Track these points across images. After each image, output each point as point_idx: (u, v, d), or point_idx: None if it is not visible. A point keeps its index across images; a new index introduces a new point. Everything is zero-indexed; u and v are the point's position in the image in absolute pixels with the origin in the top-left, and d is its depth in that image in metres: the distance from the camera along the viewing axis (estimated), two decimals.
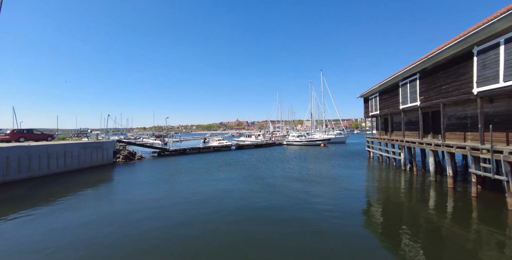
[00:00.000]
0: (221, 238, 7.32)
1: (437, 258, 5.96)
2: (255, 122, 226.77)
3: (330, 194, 12.05)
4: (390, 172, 17.25)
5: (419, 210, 9.39)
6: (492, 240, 6.77)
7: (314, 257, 6.09)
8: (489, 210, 9.06)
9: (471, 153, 10.59)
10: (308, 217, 8.81)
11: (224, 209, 9.99)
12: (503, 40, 8.89)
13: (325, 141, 46.39)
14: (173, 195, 12.35)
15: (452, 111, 13.36)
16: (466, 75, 10.90)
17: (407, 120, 18.41)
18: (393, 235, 7.32)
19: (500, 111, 10.35)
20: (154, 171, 19.93)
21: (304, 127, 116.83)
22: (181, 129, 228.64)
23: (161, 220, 8.90)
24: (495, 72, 9.26)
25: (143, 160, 28.41)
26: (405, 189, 12.63)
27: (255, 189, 13.18)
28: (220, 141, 42.59)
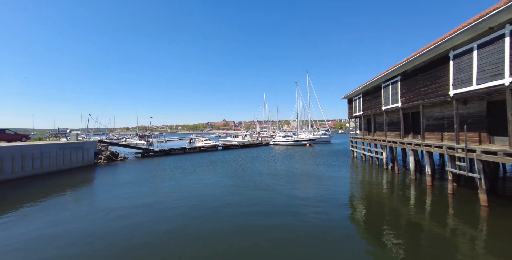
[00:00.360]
0: (207, 241, 7.24)
1: (418, 252, 6.21)
2: (242, 123, 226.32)
3: (316, 192, 12.26)
4: (373, 171, 17.80)
5: (400, 207, 9.76)
6: (466, 233, 7.15)
7: (298, 254, 6.17)
8: (463, 206, 9.56)
9: (447, 152, 11.13)
10: (294, 216, 8.91)
11: (210, 211, 9.89)
12: (475, 46, 9.42)
13: (310, 141, 47.12)
14: (156, 197, 12.06)
15: (430, 112, 13.99)
16: (443, 78, 11.45)
17: (389, 121, 19.07)
18: (376, 230, 7.56)
19: (473, 113, 10.96)
20: (137, 172, 19.38)
21: (291, 128, 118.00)
22: (166, 129, 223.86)
23: (143, 223, 8.67)
24: (469, 76, 9.80)
25: (126, 160, 27.58)
26: (387, 187, 13.08)
27: (241, 190, 13.15)
28: (206, 141, 42.11)
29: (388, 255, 6.07)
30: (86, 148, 23.90)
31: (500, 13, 7.78)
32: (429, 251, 6.23)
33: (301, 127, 66.50)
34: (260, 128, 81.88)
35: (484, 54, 9.06)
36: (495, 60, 8.59)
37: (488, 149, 8.98)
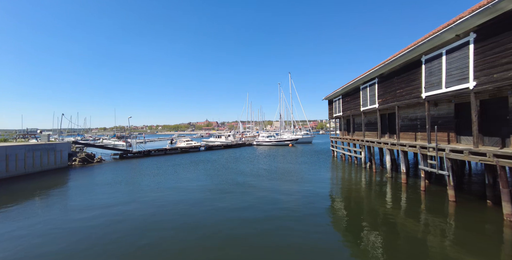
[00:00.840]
0: (190, 245, 7.11)
1: (394, 246, 6.51)
2: (225, 123, 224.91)
3: (297, 190, 12.47)
4: (352, 170, 18.41)
5: (378, 204, 10.18)
6: (437, 227, 7.61)
7: (278, 250, 6.24)
8: (434, 202, 10.16)
9: (420, 151, 11.78)
10: (276, 214, 9.01)
11: (192, 213, 9.73)
12: (444, 51, 10.06)
13: (293, 141, 47.83)
14: (134, 200, 11.65)
15: (405, 113, 14.72)
16: (416, 81, 12.10)
17: (367, 122, 19.83)
18: (355, 226, 7.84)
19: (443, 114, 11.69)
20: (115, 174, 18.61)
21: (274, 128, 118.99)
22: (146, 130, 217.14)
23: (118, 228, 8.35)
24: (439, 79, 10.44)
25: (103, 162, 26.41)
26: (365, 185, 13.58)
27: (223, 190, 13.05)
28: (188, 142, 41.34)
29: (366, 250, 6.31)
30: (58, 150, 22.58)
31: (465, 22, 8.36)
32: (404, 245, 6.56)
33: (284, 128, 67.34)
34: (243, 129, 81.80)
35: (452, 60, 9.69)
36: (461, 65, 9.22)
37: (456, 148, 9.61)
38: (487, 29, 8.14)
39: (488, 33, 8.11)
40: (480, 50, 8.40)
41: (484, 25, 8.22)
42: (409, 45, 11.89)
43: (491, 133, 9.27)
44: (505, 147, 8.54)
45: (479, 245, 6.40)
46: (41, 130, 47.77)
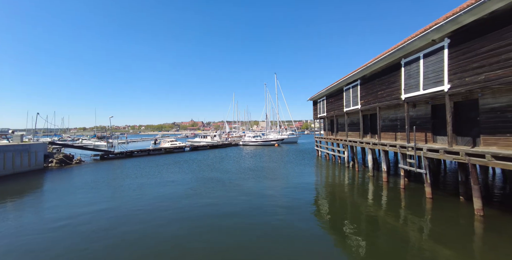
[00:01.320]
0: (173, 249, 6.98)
1: (376, 241, 6.75)
2: (211, 123, 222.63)
3: (282, 189, 12.61)
4: (336, 169, 18.85)
5: (360, 202, 10.50)
6: (414, 222, 7.97)
7: (262, 250, 6.29)
8: (412, 198, 10.62)
9: (400, 151, 12.26)
10: (261, 213, 9.05)
11: (176, 219, 9.55)
12: (422, 55, 10.55)
13: (279, 141, 48.23)
14: (114, 202, 11.28)
15: (386, 114, 15.27)
16: (396, 83, 12.59)
17: (350, 122, 20.37)
18: (338, 223, 8.06)
19: (421, 115, 12.24)
20: (95, 176, 17.90)
21: (260, 128, 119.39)
22: (128, 130, 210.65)
23: (96, 232, 8.06)
24: (417, 82, 10.93)
25: (83, 163, 25.34)
26: (348, 184, 13.96)
27: (207, 192, 12.92)
28: (172, 142, 40.52)
29: (349, 244, 6.48)
30: (33, 151, 21.39)
31: (440, 28, 8.81)
32: (385, 240, 6.82)
33: (270, 128, 67.71)
34: (229, 129, 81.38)
35: (429, 63, 10.18)
36: (437, 69, 9.71)
37: (432, 147, 10.10)
38: (460, 35, 8.63)
39: (461, 39, 8.59)
40: (454, 54, 8.89)
41: (457, 31, 8.70)
42: (390, 48, 12.35)
43: (463, 133, 9.83)
44: (475, 146, 9.08)
45: (452, 238, 6.76)
46: (13, 130, 45.00)
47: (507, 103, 8.03)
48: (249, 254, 6.31)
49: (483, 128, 8.83)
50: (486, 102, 8.71)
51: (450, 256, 5.88)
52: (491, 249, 6.26)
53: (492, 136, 8.49)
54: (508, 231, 7.13)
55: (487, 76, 7.65)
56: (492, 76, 7.49)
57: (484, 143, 8.76)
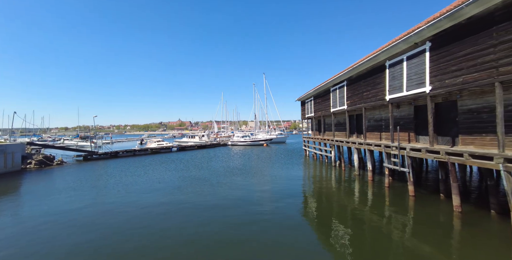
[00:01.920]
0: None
1: (360, 237, 6.91)
2: (199, 123, 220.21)
3: (271, 188, 12.67)
4: (323, 168, 19.15)
5: (347, 200, 10.72)
6: (398, 219, 8.23)
7: (253, 248, 6.29)
8: (396, 197, 10.95)
9: (384, 150, 12.61)
10: (249, 211, 9.06)
11: (155, 220, 9.37)
12: (405, 57, 10.90)
13: (267, 141, 48.40)
14: (96, 205, 10.94)
15: (371, 114, 15.67)
16: (381, 84, 12.94)
17: (337, 122, 20.75)
18: (326, 220, 8.21)
19: (404, 115, 12.65)
20: (76, 177, 17.27)
21: (249, 128, 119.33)
22: (113, 129, 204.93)
23: (75, 236, 7.79)
24: (401, 83, 11.28)
25: (64, 165, 24.39)
26: (335, 183, 14.21)
27: (194, 192, 12.78)
28: (159, 142, 39.75)
29: (335, 241, 6.60)
30: (9, 152, 20.37)
31: (422, 31, 9.14)
32: (370, 236, 7.00)
33: (259, 128, 67.81)
34: (218, 129, 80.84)
35: (411, 65, 10.54)
36: (419, 71, 10.06)
37: (415, 147, 10.46)
38: (440, 39, 8.98)
39: (441, 42, 8.95)
40: (435, 57, 9.24)
41: (437, 35, 9.06)
42: (375, 50, 12.68)
43: (443, 133, 10.24)
44: (454, 146, 9.49)
45: (433, 234, 7.03)
46: None
47: (482, 105, 8.44)
48: (238, 253, 6.29)
49: (461, 129, 9.24)
50: (464, 104, 9.12)
51: (430, 251, 6.11)
52: (468, 242, 6.57)
53: (470, 135, 8.90)
54: (483, 225, 7.51)
55: (464, 78, 8.01)
56: (469, 79, 7.85)
57: (462, 142, 9.17)
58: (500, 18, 6.89)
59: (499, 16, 6.93)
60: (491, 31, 7.13)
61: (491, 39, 7.14)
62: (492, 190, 8.37)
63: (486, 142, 8.27)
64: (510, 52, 6.64)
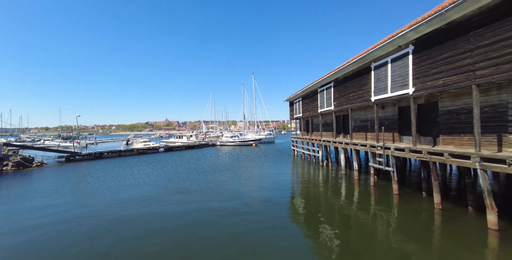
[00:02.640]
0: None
1: (346, 235, 7.05)
2: (187, 123, 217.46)
3: (260, 187, 12.70)
4: (311, 168, 19.40)
5: (334, 198, 10.92)
6: (383, 217, 8.46)
7: (239, 247, 6.29)
8: (381, 195, 11.25)
9: (370, 150, 12.93)
10: (237, 210, 9.06)
11: (143, 224, 9.19)
12: (390, 60, 11.23)
13: (256, 141, 48.45)
14: (76, 209, 10.58)
15: (357, 115, 16.03)
16: (367, 86, 13.26)
17: (324, 122, 21.08)
18: (313, 219, 8.33)
19: (389, 116, 13.03)
20: (58, 180, 16.62)
21: (238, 128, 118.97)
22: (97, 130, 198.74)
23: (53, 241, 7.51)
24: (385, 85, 11.61)
25: (45, 166, 23.42)
26: (322, 182, 14.43)
27: (180, 192, 12.61)
28: (145, 143, 38.93)
29: (322, 239, 6.71)
30: None
31: (405, 35, 9.45)
32: (356, 234, 7.16)
33: (248, 128, 67.77)
34: (206, 129, 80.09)
35: (396, 67, 10.87)
36: (403, 73, 10.40)
37: (399, 146, 10.80)
38: (422, 42, 9.32)
39: (423, 46, 9.29)
40: (417, 60, 9.58)
41: (420, 39, 9.40)
42: (360, 52, 12.98)
43: (425, 133, 10.63)
44: (436, 145, 9.88)
45: (415, 231, 7.30)
46: None
47: (461, 106, 8.83)
48: (225, 253, 6.26)
49: (442, 129, 9.63)
50: (444, 105, 9.52)
51: (413, 248, 6.32)
52: (448, 238, 6.85)
53: (449, 135, 9.30)
54: (462, 221, 7.86)
55: (444, 81, 8.35)
56: (448, 82, 8.20)
57: (443, 142, 9.56)
58: (477, 24, 7.24)
59: (476, 22, 7.27)
60: (469, 36, 7.47)
61: (469, 44, 7.48)
62: (469, 188, 8.78)
63: (464, 142, 8.66)
64: (486, 56, 6.99)
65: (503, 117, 7.50)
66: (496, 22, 6.71)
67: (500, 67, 6.65)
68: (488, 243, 6.44)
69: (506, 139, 7.42)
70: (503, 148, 7.47)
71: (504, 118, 7.48)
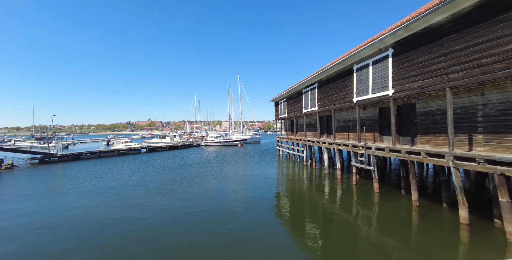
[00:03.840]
0: None
1: (329, 233, 7.20)
2: (171, 123, 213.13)
3: (244, 186, 12.67)
4: (295, 167, 19.63)
5: (317, 198, 11.11)
6: (364, 215, 8.73)
7: (224, 247, 6.24)
8: (363, 193, 11.60)
9: (352, 149, 13.29)
10: (222, 207, 8.97)
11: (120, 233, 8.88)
12: (371, 62, 11.60)
13: (242, 141, 48.34)
14: (49, 215, 10.05)
15: (340, 115, 16.42)
16: (349, 87, 13.61)
17: (308, 123, 21.41)
18: (296, 217, 8.44)
19: (370, 117, 13.46)
20: (29, 183, 15.67)
21: (223, 128, 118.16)
22: (75, 130, 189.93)
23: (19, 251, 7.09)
24: (367, 86, 11.98)
25: (15, 169, 22.03)
26: (306, 181, 14.65)
27: (163, 193, 12.32)
28: (127, 143, 37.69)
29: (306, 237, 6.80)
30: None
31: (384, 39, 9.81)
32: (338, 232, 7.33)
33: (234, 128, 67.46)
34: (191, 129, 78.85)
35: (376, 70, 11.24)
36: (383, 75, 10.78)
37: (379, 146, 11.18)
38: (401, 46, 9.72)
39: (402, 49, 9.68)
40: (396, 63, 9.97)
41: (398, 43, 9.78)
42: (343, 54, 13.31)
43: (404, 133, 11.09)
44: (414, 145, 10.32)
45: (394, 227, 7.59)
46: None
47: (436, 108, 9.30)
48: (212, 254, 6.18)
49: (419, 129, 10.08)
50: (421, 106, 9.97)
51: (392, 243, 6.57)
52: (424, 233, 7.18)
53: (426, 135, 9.75)
54: (437, 217, 8.27)
55: (421, 83, 8.75)
56: (425, 84, 8.60)
57: (420, 142, 10.02)
58: (450, 30, 7.65)
59: (448, 28, 7.69)
60: (443, 41, 7.88)
61: (443, 48, 7.89)
62: (444, 185, 9.26)
63: (439, 142, 9.12)
64: (458, 61, 7.41)
65: (473, 118, 7.98)
66: (467, 29, 7.13)
67: (470, 71, 7.06)
68: (460, 237, 6.82)
69: (476, 138, 7.89)
70: (473, 147, 7.94)
71: (474, 119, 7.96)
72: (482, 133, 7.71)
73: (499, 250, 6.02)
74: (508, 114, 7.05)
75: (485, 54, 6.68)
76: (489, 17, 6.55)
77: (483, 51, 6.71)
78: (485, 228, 7.20)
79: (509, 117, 7.01)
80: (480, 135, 7.76)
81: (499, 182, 6.35)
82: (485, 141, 7.62)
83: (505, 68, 6.22)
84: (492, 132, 7.43)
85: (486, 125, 7.60)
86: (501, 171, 6.27)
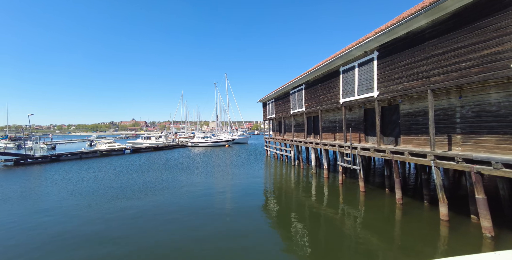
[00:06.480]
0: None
1: (315, 231, 7.31)
2: (156, 123, 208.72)
3: (232, 186, 12.62)
4: (283, 167, 19.80)
5: (304, 196, 11.27)
6: (350, 213, 8.94)
7: (212, 247, 6.19)
8: (349, 192, 11.88)
9: (338, 149, 13.58)
10: (209, 207, 8.88)
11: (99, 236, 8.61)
12: (357, 64, 11.92)
13: (229, 142, 48.09)
14: (25, 221, 9.59)
15: (326, 116, 16.74)
16: (335, 89, 13.91)
17: (296, 123, 21.66)
18: (283, 216, 8.52)
19: (355, 117, 13.81)
20: (2, 187, 14.82)
21: (210, 129, 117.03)
22: (54, 130, 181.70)
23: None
24: (353, 88, 12.29)
25: None
26: (294, 181, 14.82)
27: (148, 194, 12.06)
28: (110, 144, 36.52)
29: (293, 236, 6.87)
30: None
31: (369, 42, 10.12)
32: (325, 230, 7.47)
33: (221, 128, 67.03)
34: (177, 129, 77.54)
35: (362, 72, 11.57)
36: (368, 77, 11.10)
37: (364, 146, 11.50)
38: (385, 49, 10.06)
39: (386, 52, 10.02)
40: (381, 66, 10.30)
41: (383, 46, 10.12)
42: (330, 56, 13.59)
43: (388, 133, 11.47)
44: (397, 145, 10.70)
45: (378, 225, 7.83)
46: None
47: (418, 109, 9.70)
48: (199, 253, 6.11)
49: (402, 130, 10.47)
50: (404, 108, 10.36)
51: (376, 241, 6.77)
52: (406, 230, 7.47)
53: (408, 136, 10.14)
54: (419, 214, 8.63)
55: (405, 85, 9.09)
56: (408, 86, 8.94)
57: (403, 142, 10.40)
58: (430, 35, 8.01)
59: (429, 33, 8.05)
60: (424, 45, 8.23)
61: (425, 52, 8.24)
62: (425, 183, 9.66)
63: (421, 142, 9.51)
64: (439, 64, 7.77)
65: (452, 119, 8.39)
66: (446, 34, 7.49)
67: (450, 74, 7.42)
68: (440, 233, 7.15)
69: (454, 138, 8.31)
70: (452, 147, 8.35)
71: (452, 120, 8.38)
72: (460, 133, 8.13)
73: (476, 245, 6.36)
74: (482, 116, 7.48)
75: (463, 58, 7.05)
76: (466, 24, 6.93)
77: (461, 56, 7.08)
78: (462, 223, 7.58)
79: (484, 118, 7.44)
80: (458, 135, 8.17)
81: (476, 179, 6.71)
82: (462, 141, 8.04)
83: (481, 72, 6.59)
84: (469, 133, 7.85)
85: (464, 126, 8.02)
86: (477, 169, 6.64)
